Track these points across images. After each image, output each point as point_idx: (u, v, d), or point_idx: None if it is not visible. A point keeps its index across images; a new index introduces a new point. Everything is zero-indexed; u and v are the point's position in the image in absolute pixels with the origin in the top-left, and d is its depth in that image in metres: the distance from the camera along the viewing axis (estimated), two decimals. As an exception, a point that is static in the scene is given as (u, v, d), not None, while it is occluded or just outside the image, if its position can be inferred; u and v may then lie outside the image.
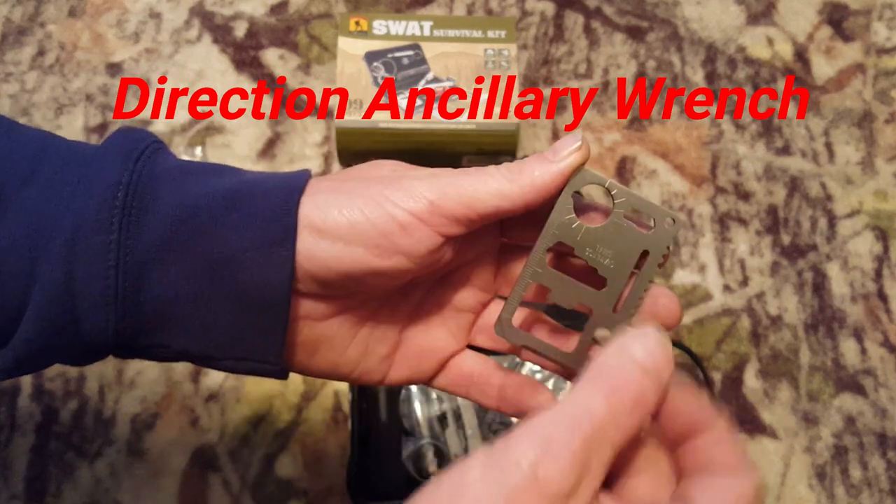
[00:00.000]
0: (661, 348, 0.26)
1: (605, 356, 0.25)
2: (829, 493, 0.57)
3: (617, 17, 0.74)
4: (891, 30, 0.74)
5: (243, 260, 0.28)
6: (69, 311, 0.27)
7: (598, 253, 0.30)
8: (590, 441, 0.23)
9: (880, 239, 0.65)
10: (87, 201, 0.27)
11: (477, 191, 0.28)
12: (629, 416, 0.24)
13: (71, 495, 0.55)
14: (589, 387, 0.24)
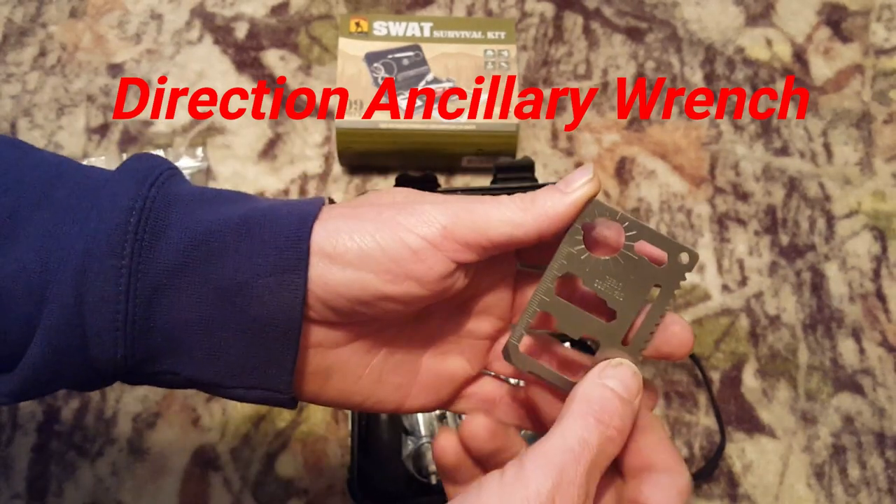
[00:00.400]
0: (634, 378, 0.29)
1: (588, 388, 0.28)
2: (827, 493, 0.57)
3: (616, 18, 0.74)
4: (889, 31, 0.74)
5: (255, 287, 0.28)
6: (78, 336, 0.27)
7: (607, 285, 0.30)
8: (590, 470, 0.26)
9: (878, 239, 0.65)
10: (99, 225, 0.27)
11: (490, 218, 0.29)
12: (614, 444, 0.28)
13: (72, 494, 0.56)
14: (580, 418, 0.27)
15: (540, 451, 0.26)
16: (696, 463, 0.57)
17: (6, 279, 0.27)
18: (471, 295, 0.33)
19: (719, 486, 0.57)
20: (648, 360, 0.60)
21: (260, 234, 0.29)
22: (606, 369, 0.29)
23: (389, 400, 0.33)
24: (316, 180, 0.66)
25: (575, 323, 0.31)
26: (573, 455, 0.26)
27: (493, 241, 0.29)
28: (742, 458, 0.58)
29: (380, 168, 0.66)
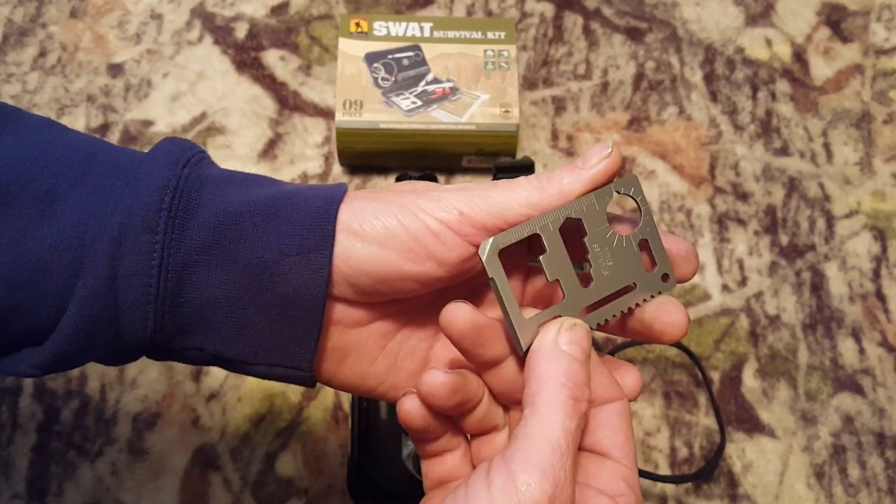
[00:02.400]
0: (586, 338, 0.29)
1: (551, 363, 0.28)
2: (827, 493, 0.57)
3: (616, 18, 0.74)
4: (889, 31, 0.74)
5: (281, 265, 0.29)
6: (111, 308, 0.28)
7: (602, 254, 0.31)
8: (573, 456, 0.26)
9: (878, 239, 0.65)
10: (135, 202, 0.28)
11: (507, 201, 0.29)
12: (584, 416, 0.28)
13: (72, 494, 0.56)
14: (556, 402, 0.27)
15: (525, 452, 0.26)
16: (696, 463, 0.57)
17: (43, 254, 0.28)
18: (484, 282, 0.33)
19: (719, 486, 0.57)
20: (648, 360, 0.61)
21: (287, 215, 0.30)
22: (563, 333, 0.29)
23: (402, 386, 0.33)
24: (316, 180, 0.66)
25: (559, 265, 0.30)
26: (560, 454, 0.26)
27: (510, 222, 0.29)
28: (742, 458, 0.58)
29: (380, 168, 0.66)
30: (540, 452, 0.26)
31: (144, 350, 0.30)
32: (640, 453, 0.58)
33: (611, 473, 0.28)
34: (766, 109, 0.70)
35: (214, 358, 0.31)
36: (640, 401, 0.59)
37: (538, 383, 0.28)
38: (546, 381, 0.28)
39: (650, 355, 0.60)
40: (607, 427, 0.29)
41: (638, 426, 0.58)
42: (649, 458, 0.57)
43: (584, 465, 0.29)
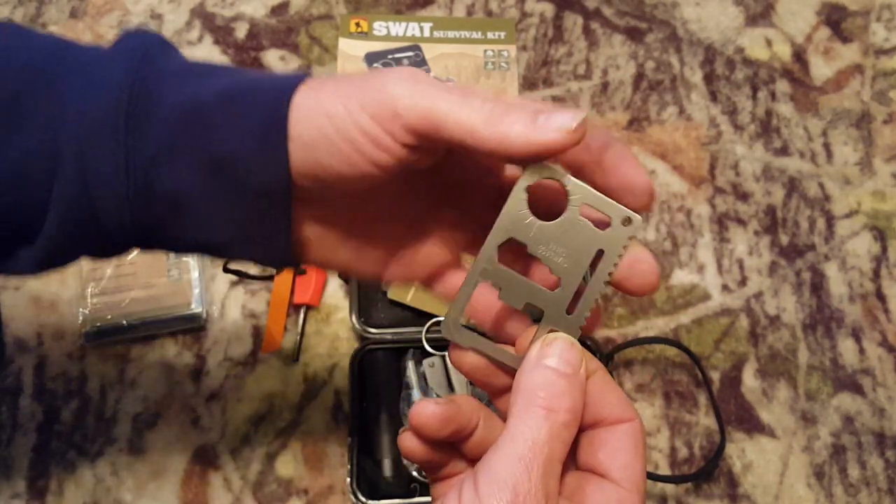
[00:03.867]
0: (573, 349, 0.28)
1: (528, 377, 0.28)
2: (827, 493, 0.57)
3: (616, 18, 0.74)
4: (889, 31, 0.74)
5: (242, 159, 0.29)
6: (88, 208, 0.29)
7: (551, 251, 0.29)
8: (545, 472, 0.26)
9: (878, 239, 0.65)
10: (94, 105, 0.29)
11: (449, 115, 0.27)
12: (568, 428, 0.27)
13: (72, 494, 0.56)
14: (527, 415, 0.27)
15: (492, 469, 0.26)
16: (696, 463, 0.57)
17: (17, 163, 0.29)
18: (456, 182, 0.33)
19: (719, 485, 0.57)
20: (648, 360, 0.61)
21: (242, 109, 0.29)
22: (543, 349, 0.28)
23: (369, 271, 0.34)
24: (316, 180, 0.66)
25: (518, 292, 0.29)
26: (524, 465, 0.25)
27: (446, 139, 0.27)
28: (742, 457, 0.58)
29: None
30: (503, 463, 0.26)
31: (130, 244, 0.31)
32: (640, 453, 0.58)
33: (606, 495, 0.28)
34: (766, 109, 0.70)
35: (195, 245, 0.32)
36: (640, 401, 0.59)
37: (514, 397, 0.28)
38: (521, 394, 0.27)
39: (650, 355, 0.60)
40: (609, 448, 0.28)
41: (638, 426, 0.58)
42: (649, 458, 0.57)
43: (581, 484, 0.28)
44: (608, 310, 0.62)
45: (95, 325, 0.58)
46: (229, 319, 0.61)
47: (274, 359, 0.60)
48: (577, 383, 0.28)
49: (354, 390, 0.56)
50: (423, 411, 0.29)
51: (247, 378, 0.59)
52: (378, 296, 0.59)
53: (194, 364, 0.60)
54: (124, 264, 0.60)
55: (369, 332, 0.58)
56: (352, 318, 0.58)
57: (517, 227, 0.29)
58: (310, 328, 0.61)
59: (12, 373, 0.59)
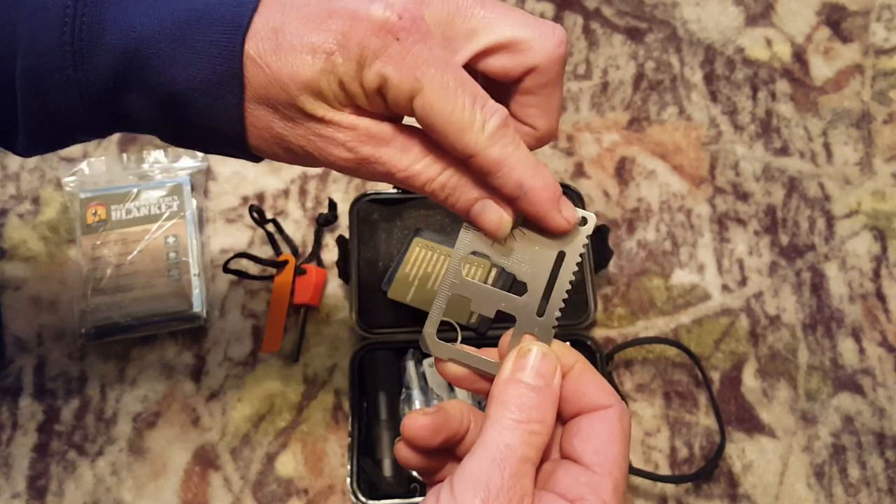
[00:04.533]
0: (544, 360, 0.29)
1: (502, 390, 0.29)
2: (827, 493, 0.57)
3: (616, 18, 0.74)
4: (889, 31, 0.74)
5: (194, 100, 0.29)
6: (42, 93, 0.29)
7: (513, 260, 0.30)
8: (517, 472, 0.27)
9: (878, 239, 0.65)
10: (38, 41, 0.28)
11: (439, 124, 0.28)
12: (539, 435, 0.28)
13: (73, 494, 0.56)
14: (498, 424, 0.28)
15: (466, 470, 0.27)
16: (696, 463, 0.57)
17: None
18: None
19: (719, 485, 0.57)
20: (648, 360, 0.61)
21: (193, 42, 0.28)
22: (516, 361, 0.29)
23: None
24: (316, 180, 0.66)
25: (488, 301, 0.31)
26: (497, 465, 0.27)
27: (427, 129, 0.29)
28: (742, 457, 0.58)
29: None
30: (476, 464, 0.27)
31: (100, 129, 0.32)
32: (640, 453, 0.58)
33: (574, 478, 0.28)
34: (766, 109, 0.70)
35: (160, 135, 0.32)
36: (640, 401, 0.59)
37: (489, 406, 0.29)
38: (494, 405, 0.29)
39: (650, 355, 0.60)
40: (583, 434, 0.29)
41: (638, 426, 0.58)
42: (649, 457, 0.57)
43: (552, 470, 0.29)
44: (608, 310, 0.62)
45: (95, 325, 0.58)
46: (229, 319, 0.61)
47: (274, 359, 0.60)
48: (549, 394, 0.29)
49: (354, 390, 0.56)
50: (413, 423, 0.30)
51: (247, 378, 0.59)
52: (378, 296, 0.59)
53: (194, 364, 0.60)
54: (125, 264, 0.60)
55: (369, 332, 0.58)
56: (352, 318, 0.58)
57: (477, 242, 0.30)
58: (310, 328, 0.61)
59: (12, 372, 0.59)
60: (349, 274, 0.59)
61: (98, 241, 0.60)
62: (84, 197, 0.62)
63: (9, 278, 0.62)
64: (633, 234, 0.64)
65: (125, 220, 0.61)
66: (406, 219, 0.61)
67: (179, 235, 0.61)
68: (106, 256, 0.60)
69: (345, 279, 0.59)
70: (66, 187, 0.63)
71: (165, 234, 0.61)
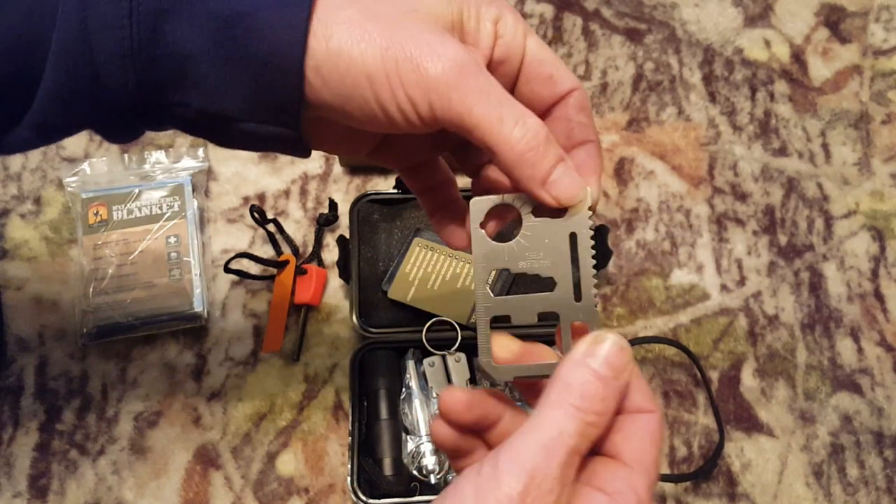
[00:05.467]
0: (619, 353, 0.28)
1: (568, 371, 0.28)
2: (826, 492, 0.57)
3: (615, 19, 0.74)
4: (887, 31, 0.74)
5: (256, 19, 0.28)
6: (87, 63, 0.28)
7: (531, 261, 0.31)
8: (565, 462, 0.26)
9: (877, 239, 0.65)
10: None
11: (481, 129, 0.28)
12: (595, 428, 0.27)
13: (74, 493, 0.56)
14: (557, 407, 0.27)
15: (514, 449, 0.26)
16: (695, 462, 0.58)
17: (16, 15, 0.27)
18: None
19: (718, 485, 0.57)
20: (647, 360, 0.61)
21: None
22: (590, 347, 0.28)
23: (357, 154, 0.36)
24: (317, 181, 0.66)
25: (527, 310, 0.31)
26: (546, 452, 0.26)
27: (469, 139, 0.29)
28: (741, 457, 0.58)
29: (380, 168, 0.67)
30: (526, 446, 0.26)
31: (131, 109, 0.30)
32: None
33: (613, 473, 0.28)
34: (765, 110, 0.70)
35: (200, 114, 0.30)
36: (640, 400, 0.59)
37: (550, 387, 0.28)
38: (556, 386, 0.28)
39: (649, 355, 0.61)
40: (625, 433, 0.29)
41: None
42: (648, 457, 0.58)
43: (592, 464, 0.29)
44: (607, 310, 0.62)
45: (97, 325, 0.58)
46: (230, 319, 0.61)
47: (275, 358, 0.60)
48: (615, 388, 0.28)
49: (355, 390, 0.56)
50: (450, 397, 0.30)
51: (248, 377, 0.59)
52: (378, 296, 0.59)
53: (195, 363, 0.60)
54: (126, 264, 0.60)
55: (369, 332, 0.58)
56: (352, 317, 0.58)
57: (491, 259, 0.31)
58: (310, 328, 0.61)
59: (14, 372, 0.59)
60: (349, 274, 0.59)
61: (99, 241, 0.61)
62: (86, 197, 0.62)
63: (10, 278, 0.62)
64: (633, 234, 0.65)
65: (126, 221, 0.61)
66: (406, 219, 0.62)
67: (181, 235, 0.61)
68: (107, 256, 0.60)
69: (345, 279, 0.60)
70: (68, 187, 0.63)
71: (167, 235, 0.61)
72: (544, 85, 0.32)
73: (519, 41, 0.31)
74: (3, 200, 0.65)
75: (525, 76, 0.32)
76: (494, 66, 0.31)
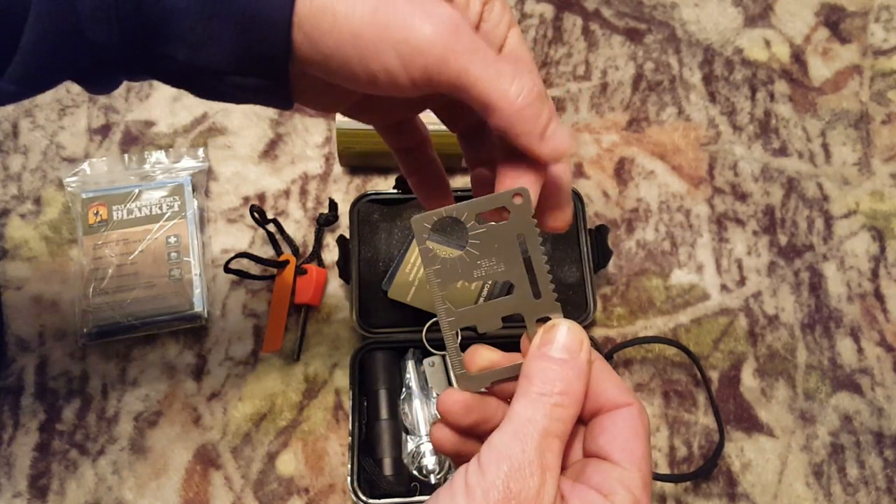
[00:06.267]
0: (570, 333, 0.30)
1: (528, 364, 0.29)
2: (826, 492, 0.57)
3: (615, 19, 0.74)
4: (887, 31, 0.74)
5: None
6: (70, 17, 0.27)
7: (484, 268, 0.31)
8: (540, 445, 0.27)
9: (877, 239, 0.65)
10: None
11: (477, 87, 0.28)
12: (563, 408, 0.28)
13: (74, 493, 0.56)
14: (524, 399, 0.28)
15: (492, 443, 0.28)
16: (695, 462, 0.58)
17: None
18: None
19: (718, 485, 0.57)
20: (647, 360, 0.61)
21: None
22: (543, 337, 0.30)
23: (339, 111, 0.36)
24: (317, 180, 0.66)
25: (489, 315, 0.31)
26: (518, 438, 0.27)
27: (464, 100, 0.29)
28: (741, 457, 0.58)
29: (380, 168, 0.67)
30: (500, 438, 0.27)
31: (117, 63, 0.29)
32: (640, 452, 0.58)
33: (606, 474, 0.29)
34: (765, 110, 0.70)
35: (187, 67, 0.30)
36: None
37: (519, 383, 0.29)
38: (520, 381, 0.29)
39: (649, 355, 0.61)
40: (609, 433, 0.30)
41: (637, 425, 0.58)
42: (648, 457, 0.58)
43: (584, 467, 0.30)
44: (607, 310, 0.62)
45: (97, 325, 0.58)
46: (230, 319, 0.61)
47: (275, 358, 0.60)
48: (574, 366, 0.29)
49: (355, 390, 0.56)
50: (448, 399, 0.31)
51: (248, 377, 0.59)
52: (378, 296, 0.59)
53: (195, 363, 0.60)
54: (126, 264, 0.60)
55: (370, 332, 0.58)
56: (352, 317, 0.58)
57: (445, 273, 0.31)
58: (310, 328, 0.61)
59: (14, 372, 0.59)
60: (349, 274, 0.59)
61: (100, 241, 0.61)
62: (86, 197, 0.62)
63: (10, 278, 0.62)
64: (633, 234, 0.65)
65: (127, 221, 0.61)
66: (406, 219, 0.62)
67: (181, 235, 0.61)
68: (107, 256, 0.60)
69: (345, 279, 0.60)
70: (68, 187, 0.63)
71: (167, 234, 0.61)
72: None
73: (502, 31, 0.31)
74: (3, 200, 0.65)
75: None
76: None
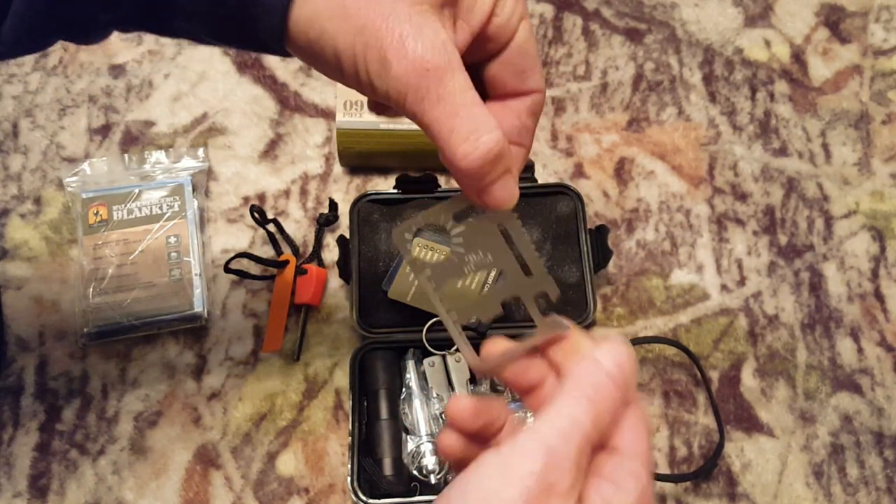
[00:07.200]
0: (628, 358, 0.30)
1: (584, 369, 0.30)
2: (826, 492, 0.57)
3: (615, 19, 0.74)
4: (887, 31, 0.74)
5: None
6: None
7: (475, 262, 0.32)
8: (580, 447, 0.28)
9: (877, 239, 0.65)
10: None
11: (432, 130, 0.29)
12: (603, 421, 0.29)
13: (74, 493, 0.56)
14: (573, 399, 0.29)
15: (535, 430, 0.28)
16: (695, 462, 0.58)
17: None
18: None
19: (718, 485, 0.57)
20: (647, 360, 0.61)
21: None
22: (604, 345, 0.30)
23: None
24: (317, 180, 0.66)
25: (488, 304, 0.32)
26: (563, 435, 0.27)
27: None
28: (741, 457, 0.58)
29: (380, 168, 0.67)
30: (546, 428, 0.28)
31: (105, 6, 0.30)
32: (640, 452, 0.58)
33: (616, 465, 0.29)
34: (765, 110, 0.70)
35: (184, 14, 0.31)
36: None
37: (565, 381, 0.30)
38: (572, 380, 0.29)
39: (649, 355, 0.61)
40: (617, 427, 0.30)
41: (637, 425, 0.58)
42: (648, 457, 0.58)
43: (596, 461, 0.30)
44: (607, 310, 0.62)
45: (97, 325, 0.58)
46: (230, 319, 0.61)
47: (275, 358, 0.60)
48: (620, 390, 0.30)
49: (355, 390, 0.56)
50: (458, 404, 0.31)
51: (248, 377, 0.59)
52: (378, 296, 0.59)
53: (196, 363, 0.60)
54: (126, 264, 0.60)
55: (370, 332, 0.58)
56: (352, 317, 0.58)
57: (439, 275, 0.32)
58: (310, 328, 0.61)
59: (14, 372, 0.59)
60: (350, 274, 0.59)
61: (100, 241, 0.61)
62: (86, 197, 0.62)
63: (10, 278, 0.62)
64: (633, 235, 0.65)
65: (127, 221, 0.61)
66: (406, 219, 0.62)
67: (181, 235, 0.61)
68: (107, 256, 0.60)
69: (345, 279, 0.60)
70: (68, 187, 0.63)
71: (167, 235, 0.61)
72: (515, 76, 0.33)
73: (513, 25, 0.32)
74: (3, 200, 0.65)
75: (503, 60, 0.33)
76: (480, 41, 0.32)
